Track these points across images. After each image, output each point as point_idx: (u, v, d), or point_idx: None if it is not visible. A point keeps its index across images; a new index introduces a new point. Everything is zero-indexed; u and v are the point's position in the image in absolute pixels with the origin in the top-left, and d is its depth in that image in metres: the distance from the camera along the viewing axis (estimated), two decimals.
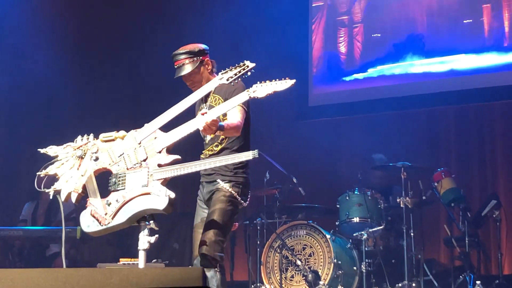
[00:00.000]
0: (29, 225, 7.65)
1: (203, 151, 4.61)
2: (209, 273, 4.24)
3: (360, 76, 8.88)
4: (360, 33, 8.95)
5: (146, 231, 4.02)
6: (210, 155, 4.51)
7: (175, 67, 4.60)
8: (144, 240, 4.02)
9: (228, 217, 4.40)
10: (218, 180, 4.46)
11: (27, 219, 7.86)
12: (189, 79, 4.60)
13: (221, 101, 4.39)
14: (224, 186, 4.44)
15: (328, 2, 9.27)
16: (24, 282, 2.88)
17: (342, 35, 9.09)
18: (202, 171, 4.51)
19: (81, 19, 9.10)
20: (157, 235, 4.03)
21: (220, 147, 4.53)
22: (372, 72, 8.77)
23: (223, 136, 4.50)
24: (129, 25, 9.20)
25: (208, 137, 4.57)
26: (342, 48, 9.06)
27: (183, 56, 4.57)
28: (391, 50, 8.71)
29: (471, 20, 8.32)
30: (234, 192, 4.43)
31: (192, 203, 4.69)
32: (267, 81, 3.91)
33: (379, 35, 8.81)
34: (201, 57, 4.60)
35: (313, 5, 9.34)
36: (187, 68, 4.55)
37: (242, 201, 4.47)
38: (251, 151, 3.85)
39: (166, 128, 4.09)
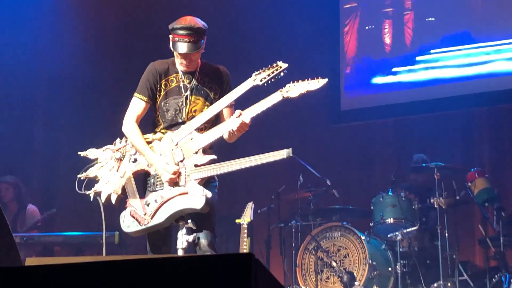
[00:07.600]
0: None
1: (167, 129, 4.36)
2: None
3: (403, 69, 8.77)
4: (410, 20, 8.85)
5: (184, 230, 4.12)
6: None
7: (185, 40, 4.17)
8: (183, 239, 4.12)
9: None
10: None
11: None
12: (193, 58, 4.26)
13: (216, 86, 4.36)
14: None
15: (363, 3, 9.19)
16: None
17: (387, 27, 9.01)
18: None
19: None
20: (195, 234, 4.12)
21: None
22: (421, 59, 8.66)
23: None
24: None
25: (171, 114, 4.34)
26: (387, 40, 8.96)
27: (198, 33, 4.19)
28: (441, 39, 8.59)
29: None
30: None
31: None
32: (299, 81, 3.97)
33: (433, 19, 8.67)
34: (205, 36, 4.28)
35: (345, 6, 9.28)
36: (199, 47, 4.22)
37: None
38: (285, 149, 3.92)
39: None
